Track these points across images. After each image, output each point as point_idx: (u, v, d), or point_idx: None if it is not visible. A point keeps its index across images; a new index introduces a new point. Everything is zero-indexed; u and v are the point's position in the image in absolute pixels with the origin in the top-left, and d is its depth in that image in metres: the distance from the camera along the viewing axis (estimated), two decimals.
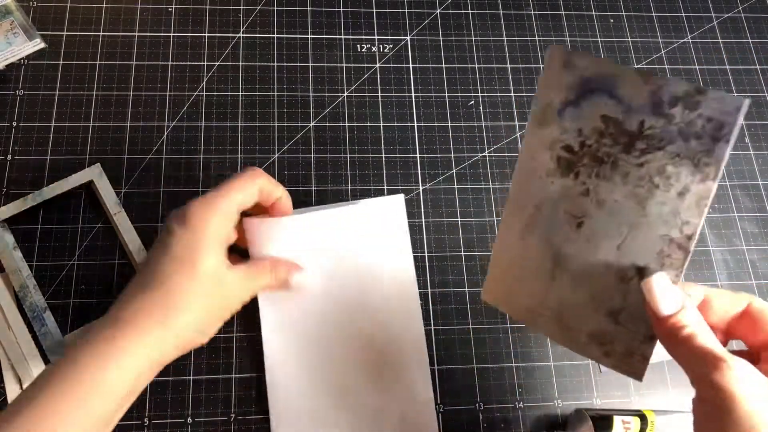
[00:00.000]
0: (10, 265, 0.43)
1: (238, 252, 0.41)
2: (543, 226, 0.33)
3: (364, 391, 0.43)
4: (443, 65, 0.54)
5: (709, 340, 0.26)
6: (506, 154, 0.51)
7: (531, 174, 0.33)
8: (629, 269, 0.32)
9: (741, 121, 0.29)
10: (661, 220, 0.30)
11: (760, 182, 0.52)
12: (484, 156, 0.51)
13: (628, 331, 0.32)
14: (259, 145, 0.50)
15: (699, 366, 0.26)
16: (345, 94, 0.52)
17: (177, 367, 0.43)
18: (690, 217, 0.30)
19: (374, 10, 0.55)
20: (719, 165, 0.29)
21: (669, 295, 0.28)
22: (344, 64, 0.53)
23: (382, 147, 0.50)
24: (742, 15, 0.58)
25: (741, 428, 0.24)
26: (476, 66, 0.54)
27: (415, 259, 0.47)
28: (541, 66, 0.54)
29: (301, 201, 0.48)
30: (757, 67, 0.56)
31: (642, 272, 0.31)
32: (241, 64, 0.52)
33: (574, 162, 0.32)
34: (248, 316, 0.44)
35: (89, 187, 0.47)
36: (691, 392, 0.27)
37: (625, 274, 0.32)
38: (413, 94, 0.52)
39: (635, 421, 0.41)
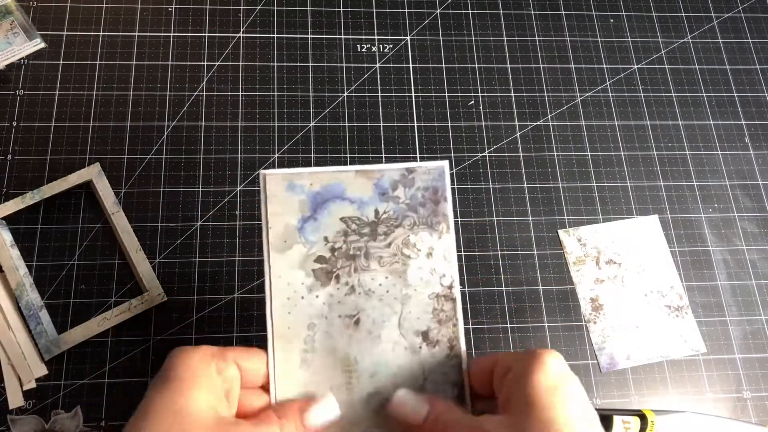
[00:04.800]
0: (7, 263, 0.43)
1: None
2: (322, 343, 0.33)
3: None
4: (443, 65, 0.54)
5: (460, 419, 0.29)
6: (506, 154, 0.51)
7: (291, 300, 0.34)
8: (415, 339, 0.34)
9: (448, 181, 0.35)
10: (424, 283, 0.34)
11: (760, 182, 0.52)
12: (484, 156, 0.51)
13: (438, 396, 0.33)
14: (259, 145, 0.50)
15: None
16: (345, 94, 0.52)
17: None
18: (444, 270, 0.34)
19: (374, 10, 0.55)
20: (448, 220, 0.35)
21: (414, 404, 0.31)
22: (344, 64, 0.53)
23: (382, 147, 0.50)
24: (742, 15, 0.58)
25: None
26: (476, 66, 0.54)
27: None
28: (542, 66, 0.54)
29: None
30: (757, 67, 0.56)
31: (426, 336, 0.34)
32: (241, 64, 0.52)
33: (331, 268, 0.34)
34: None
35: (89, 186, 0.47)
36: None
37: (414, 346, 0.34)
38: (413, 94, 0.52)
39: (635, 421, 0.41)
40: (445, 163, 0.35)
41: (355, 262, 0.34)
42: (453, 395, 0.32)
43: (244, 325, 0.45)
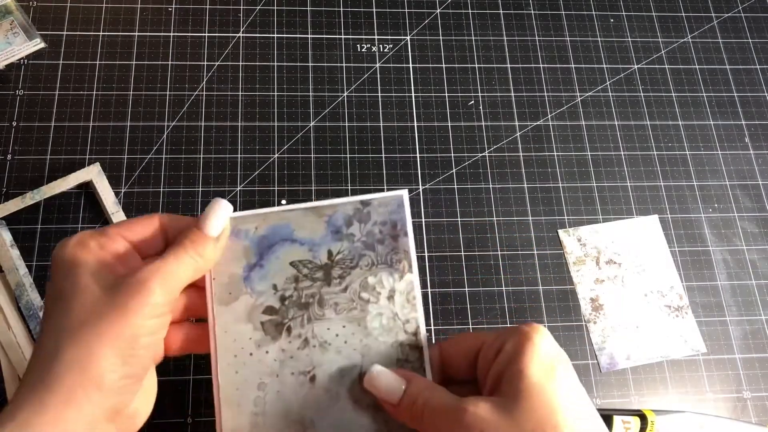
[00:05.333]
0: (7, 263, 0.43)
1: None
2: (274, 405, 0.30)
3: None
4: (443, 65, 0.54)
5: (443, 398, 0.27)
6: (506, 154, 0.51)
7: (239, 358, 0.31)
8: None
9: (408, 212, 0.32)
10: (385, 330, 0.31)
11: (760, 182, 0.52)
12: (484, 156, 0.51)
13: None
14: (259, 145, 0.50)
15: (446, 425, 0.26)
16: (345, 94, 0.52)
17: (177, 366, 0.43)
18: (408, 315, 0.31)
19: (374, 10, 0.55)
20: (409, 257, 0.31)
21: (390, 380, 0.29)
22: (344, 64, 0.53)
23: (382, 147, 0.50)
24: (742, 15, 0.58)
25: None
26: (476, 66, 0.54)
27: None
28: (542, 66, 0.54)
29: (301, 201, 0.48)
30: (757, 67, 0.56)
31: None
32: (241, 63, 0.52)
33: (281, 320, 0.31)
34: None
35: (89, 186, 0.47)
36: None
37: (377, 402, 0.30)
38: (413, 94, 0.52)
39: (635, 421, 0.41)
40: (404, 193, 0.32)
41: (308, 311, 0.31)
42: None
43: None
